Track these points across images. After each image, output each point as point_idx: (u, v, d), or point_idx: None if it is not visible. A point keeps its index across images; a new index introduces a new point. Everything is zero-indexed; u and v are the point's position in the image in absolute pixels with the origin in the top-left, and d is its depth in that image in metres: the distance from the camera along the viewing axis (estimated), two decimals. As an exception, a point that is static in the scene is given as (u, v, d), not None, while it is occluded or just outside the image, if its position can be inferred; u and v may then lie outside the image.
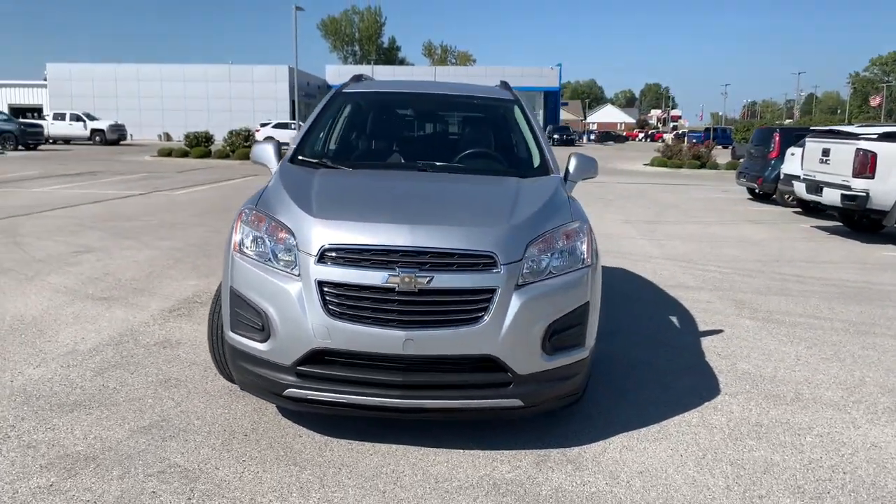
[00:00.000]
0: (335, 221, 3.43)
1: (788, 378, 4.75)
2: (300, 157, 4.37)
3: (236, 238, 3.60)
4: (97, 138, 41.19)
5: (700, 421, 4.00)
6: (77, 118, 41.62)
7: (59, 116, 41.74)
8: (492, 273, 3.31)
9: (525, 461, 3.46)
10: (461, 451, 3.53)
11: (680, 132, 69.39)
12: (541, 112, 66.26)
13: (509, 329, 3.30)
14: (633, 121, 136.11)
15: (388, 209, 3.56)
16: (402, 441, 3.59)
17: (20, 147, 32.73)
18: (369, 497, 3.08)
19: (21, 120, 37.26)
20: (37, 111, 55.47)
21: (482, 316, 3.29)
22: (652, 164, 30.29)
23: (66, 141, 41.36)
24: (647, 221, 12.61)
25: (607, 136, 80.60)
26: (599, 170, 4.66)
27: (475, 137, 5.17)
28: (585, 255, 3.63)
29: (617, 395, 4.33)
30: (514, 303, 3.32)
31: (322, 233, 3.39)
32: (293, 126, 44.58)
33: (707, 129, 57.71)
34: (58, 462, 3.28)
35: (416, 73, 69.43)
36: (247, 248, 3.55)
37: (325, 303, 3.32)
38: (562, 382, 3.53)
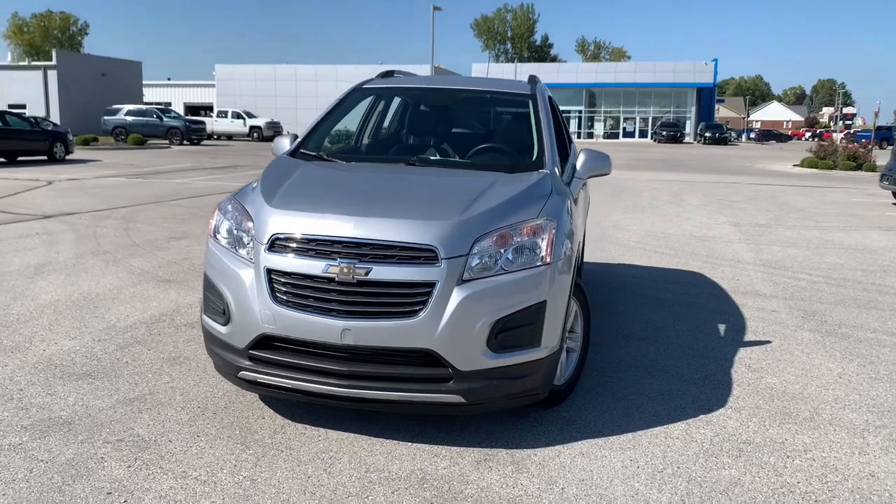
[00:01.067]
0: (287, 212, 3.54)
1: (815, 396, 4.36)
2: (302, 151, 4.52)
3: (212, 225, 3.80)
4: (255, 135, 44.03)
5: (683, 434, 3.77)
6: (237, 116, 44.70)
7: (222, 114, 45.03)
8: (432, 267, 3.30)
9: (467, 458, 3.42)
10: (409, 443, 3.54)
11: (853, 131, 64.31)
12: (693, 109, 63.51)
13: (449, 324, 3.27)
14: (801, 119, 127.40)
15: (343, 201, 3.63)
16: (358, 429, 3.65)
17: (185, 142, 35.73)
18: (292, 480, 3.17)
19: (187, 117, 40.56)
20: (208, 109, 60.11)
21: (420, 309, 3.28)
22: (801, 164, 28.28)
23: (229, 137, 44.57)
24: (758, 225, 11.84)
25: (768, 134, 75.92)
26: (739, 170, 4.51)
27: (479, 131, 5.13)
28: (544, 253, 3.52)
29: (608, 401, 4.16)
30: (455, 297, 3.29)
31: (274, 222, 3.51)
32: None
33: (880, 129, 53.10)
34: (38, 424, 3.61)
35: (561, 70, 68.73)
36: (219, 234, 3.74)
37: (272, 290, 3.45)
38: (511, 381, 3.46)
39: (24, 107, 51.56)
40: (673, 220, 12.27)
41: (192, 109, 62.30)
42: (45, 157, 22.41)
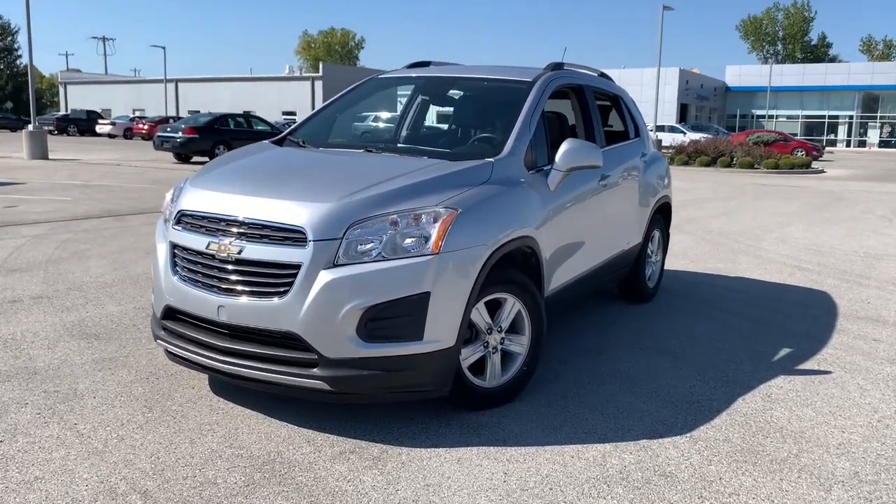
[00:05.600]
0: (196, 189, 3.71)
1: (814, 438, 3.62)
2: (290, 137, 4.66)
3: (165, 201, 4.08)
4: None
5: (597, 457, 3.34)
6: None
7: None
8: (299, 248, 3.26)
9: (336, 448, 3.33)
10: (294, 427, 3.52)
11: None
12: None
13: (311, 307, 3.22)
14: None
15: (247, 181, 3.70)
16: (262, 408, 3.70)
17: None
18: (153, 445, 3.31)
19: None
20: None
21: (286, 291, 3.27)
22: None
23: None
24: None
25: None
26: None
27: (464, 120, 4.91)
28: (433, 243, 3.31)
29: (549, 413, 3.80)
30: (321, 281, 3.22)
31: (185, 198, 3.70)
32: (681, 128, 43.60)
33: None
34: (14, 373, 4.11)
35: (829, 71, 62.22)
36: (165, 210, 4.01)
37: (174, 264, 3.63)
38: (387, 374, 3.31)
39: (294, 114, 57.91)
40: (859, 235, 10.67)
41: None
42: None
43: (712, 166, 27.46)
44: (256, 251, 3.32)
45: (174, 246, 3.65)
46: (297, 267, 3.24)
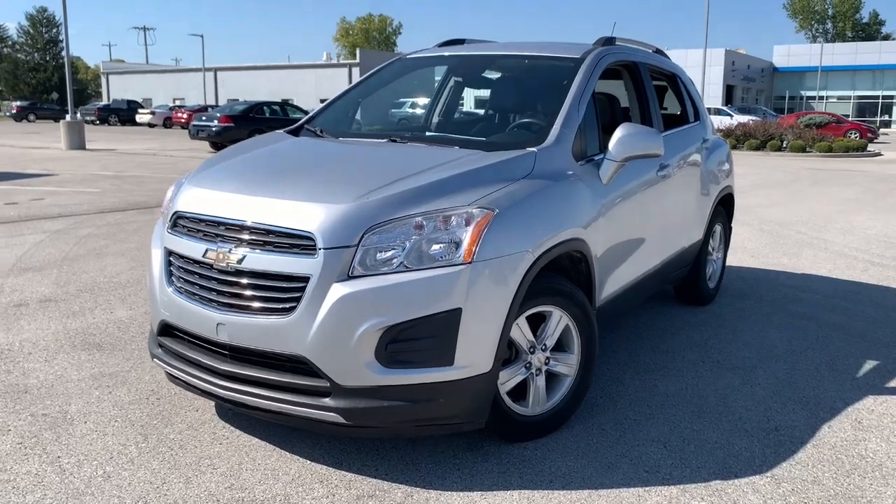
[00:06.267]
0: (194, 188, 3.23)
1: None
2: (307, 126, 4.16)
3: (165, 199, 3.62)
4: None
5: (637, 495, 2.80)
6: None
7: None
8: (307, 258, 2.76)
9: (353, 491, 2.83)
10: (307, 462, 3.04)
11: None
12: None
13: (322, 327, 2.73)
14: None
15: (251, 178, 3.21)
16: (272, 438, 3.24)
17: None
18: (143, 485, 2.86)
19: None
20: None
21: (294, 307, 2.77)
22: None
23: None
24: None
25: None
26: None
27: (498, 104, 4.35)
28: (464, 250, 2.79)
29: (604, 444, 3.26)
30: (333, 296, 2.72)
31: (181, 198, 3.24)
32: (727, 111, 42.25)
33: None
34: (3, 391, 3.70)
35: (883, 50, 59.85)
36: (164, 209, 3.54)
37: (169, 273, 3.17)
38: (411, 405, 2.80)
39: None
40: (932, 224, 9.84)
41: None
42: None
43: (761, 150, 26.38)
44: (259, 261, 2.83)
45: (169, 253, 3.19)
46: (306, 279, 2.75)
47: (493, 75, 4.59)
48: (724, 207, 5.67)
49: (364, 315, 2.71)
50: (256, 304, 2.84)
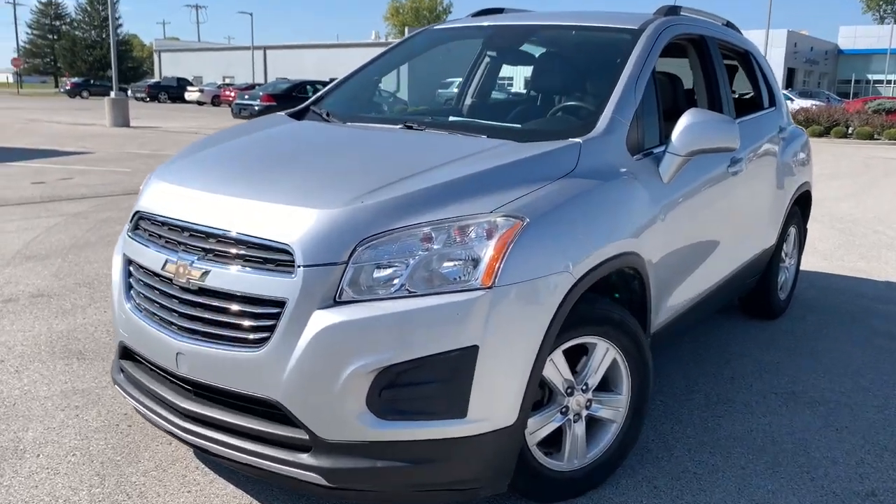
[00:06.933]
0: (159, 181, 2.67)
1: None
2: (312, 108, 3.56)
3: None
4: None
5: None
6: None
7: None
8: (284, 276, 2.17)
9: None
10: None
11: None
12: None
13: (300, 365, 2.15)
14: None
15: (227, 171, 2.64)
16: (249, 487, 2.68)
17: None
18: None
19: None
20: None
21: (266, 339, 2.19)
22: None
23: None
24: None
25: None
26: None
27: (539, 83, 3.67)
28: (484, 270, 2.17)
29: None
30: (315, 326, 2.14)
31: (146, 194, 2.68)
32: (789, 95, 40.47)
33: None
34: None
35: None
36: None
37: (128, 286, 2.62)
38: (412, 466, 2.20)
39: (378, 81, 57.10)
40: None
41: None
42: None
43: (825, 136, 25.01)
44: (224, 278, 2.25)
45: (129, 261, 2.63)
46: (281, 304, 2.16)
47: (534, 50, 3.91)
48: (800, 207, 4.92)
49: (353, 352, 2.12)
50: (221, 333, 2.27)
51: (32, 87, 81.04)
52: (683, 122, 2.91)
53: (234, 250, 2.26)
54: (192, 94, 46.34)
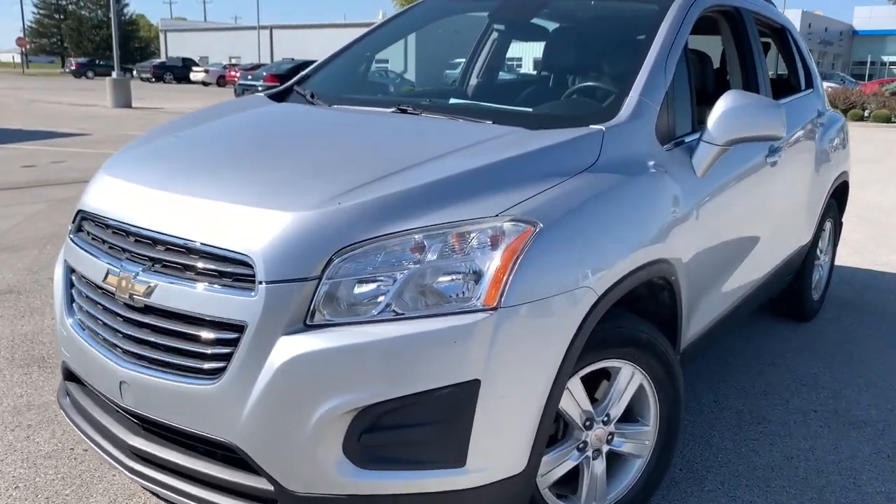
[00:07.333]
0: (105, 176, 2.27)
1: None
2: (296, 88, 3.15)
3: None
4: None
5: None
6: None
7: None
8: (242, 294, 1.78)
9: None
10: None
11: None
12: None
13: (265, 402, 1.76)
14: None
15: (185, 163, 2.24)
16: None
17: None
18: None
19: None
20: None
21: (222, 370, 1.80)
22: None
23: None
24: None
25: None
26: None
27: (554, 62, 3.25)
28: (488, 287, 1.77)
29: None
30: (280, 355, 1.75)
31: (91, 189, 2.28)
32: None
33: None
34: None
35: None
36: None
37: (70, 298, 2.23)
38: (397, 525, 1.82)
39: (385, 61, 56.47)
40: None
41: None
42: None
43: (842, 120, 24.35)
44: (173, 295, 1.86)
45: (71, 270, 2.25)
46: (240, 328, 1.77)
47: (547, 23, 3.48)
48: (837, 200, 4.49)
49: (327, 387, 1.74)
50: (170, 360, 1.88)
51: (39, 68, 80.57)
52: (721, 105, 2.49)
53: (184, 261, 1.86)
54: (197, 75, 45.88)
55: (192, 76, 46.08)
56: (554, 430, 2.11)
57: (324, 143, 2.38)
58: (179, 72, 47.54)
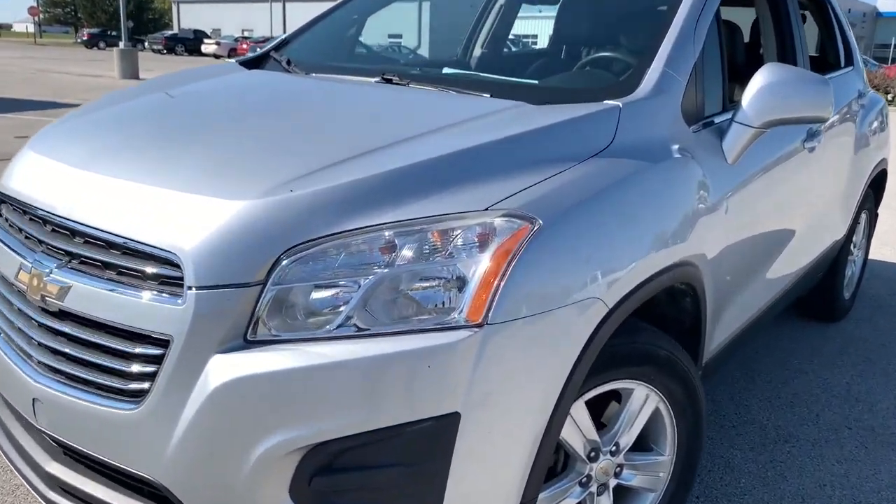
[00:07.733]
0: (29, 152, 1.94)
1: None
2: (272, 55, 2.79)
3: None
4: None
5: None
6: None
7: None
8: (168, 301, 1.44)
9: None
10: None
11: None
12: None
13: (193, 434, 1.43)
14: None
15: (121, 138, 1.90)
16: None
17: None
18: None
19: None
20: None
21: (145, 392, 1.47)
22: None
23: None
24: None
25: None
26: None
27: (566, 30, 2.87)
28: (471, 298, 1.42)
29: None
30: (213, 378, 1.41)
31: (10, 169, 1.94)
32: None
33: None
34: None
35: None
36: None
37: (-16, 294, 1.90)
38: (356, 582, 1.49)
39: (399, 36, 55.81)
40: None
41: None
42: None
43: (866, 103, 23.76)
44: (89, 298, 1.52)
45: (-15, 259, 1.91)
46: (164, 343, 1.43)
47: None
48: (874, 190, 4.10)
49: (270, 420, 1.40)
50: (87, 377, 1.55)
51: (52, 38, 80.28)
52: (759, 80, 2.12)
53: (103, 258, 1.53)
54: (208, 47, 45.43)
55: (204, 48, 45.64)
56: (554, 460, 1.78)
57: (288, 117, 2.02)
58: (191, 44, 47.10)
